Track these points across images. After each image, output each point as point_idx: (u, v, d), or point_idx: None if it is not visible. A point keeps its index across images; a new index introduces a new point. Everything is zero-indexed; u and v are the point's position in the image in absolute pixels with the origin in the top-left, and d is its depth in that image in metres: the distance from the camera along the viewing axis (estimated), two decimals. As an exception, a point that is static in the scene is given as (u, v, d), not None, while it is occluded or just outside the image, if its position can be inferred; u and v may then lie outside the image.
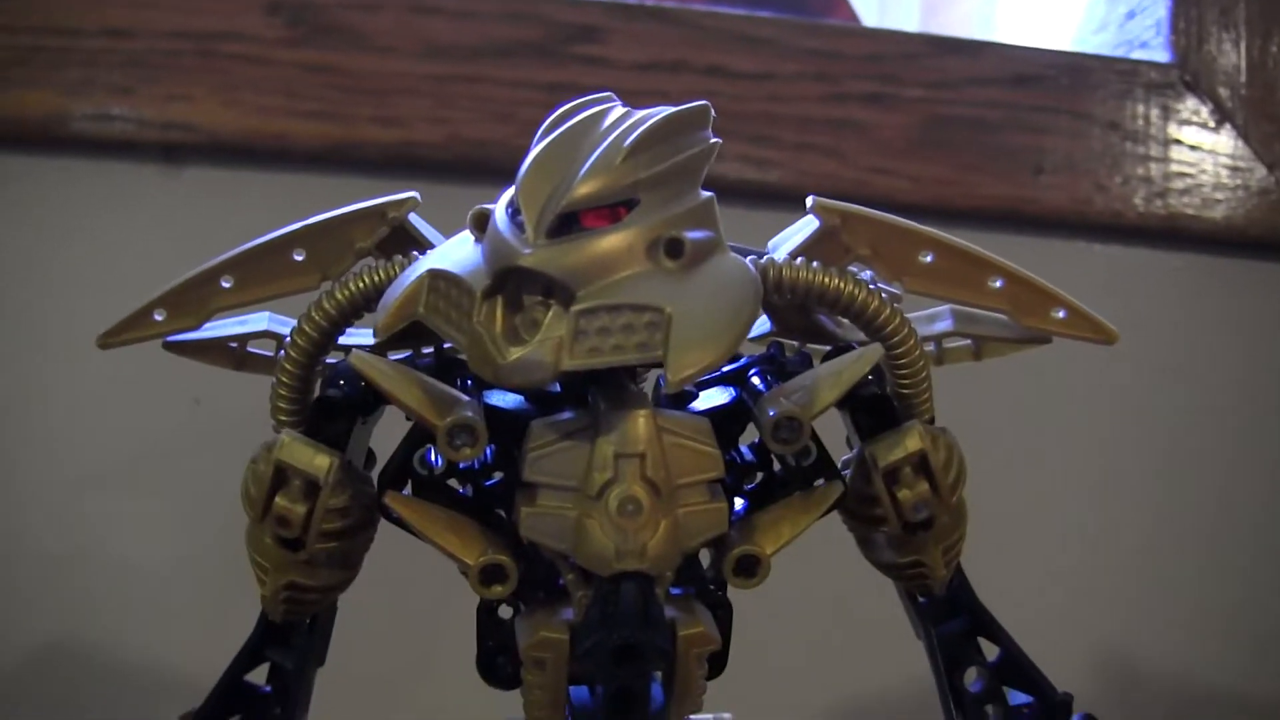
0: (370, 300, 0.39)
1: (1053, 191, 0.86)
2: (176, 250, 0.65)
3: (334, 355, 0.42)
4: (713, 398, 0.41)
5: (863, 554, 0.44)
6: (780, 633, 0.69)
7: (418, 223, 0.43)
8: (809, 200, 0.43)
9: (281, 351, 0.41)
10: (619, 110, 0.37)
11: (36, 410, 0.77)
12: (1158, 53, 0.90)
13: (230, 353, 0.45)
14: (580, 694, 0.40)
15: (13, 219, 0.76)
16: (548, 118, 0.37)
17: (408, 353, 0.43)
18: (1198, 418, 0.90)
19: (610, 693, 0.38)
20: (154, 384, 0.71)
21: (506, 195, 0.36)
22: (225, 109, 0.77)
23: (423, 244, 0.42)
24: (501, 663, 0.42)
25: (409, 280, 0.37)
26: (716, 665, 0.41)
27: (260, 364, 0.45)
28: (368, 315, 0.40)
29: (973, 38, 0.92)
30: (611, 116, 0.37)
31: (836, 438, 0.42)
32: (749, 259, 0.38)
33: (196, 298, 0.43)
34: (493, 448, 0.40)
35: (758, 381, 0.41)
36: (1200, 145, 0.88)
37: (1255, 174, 0.89)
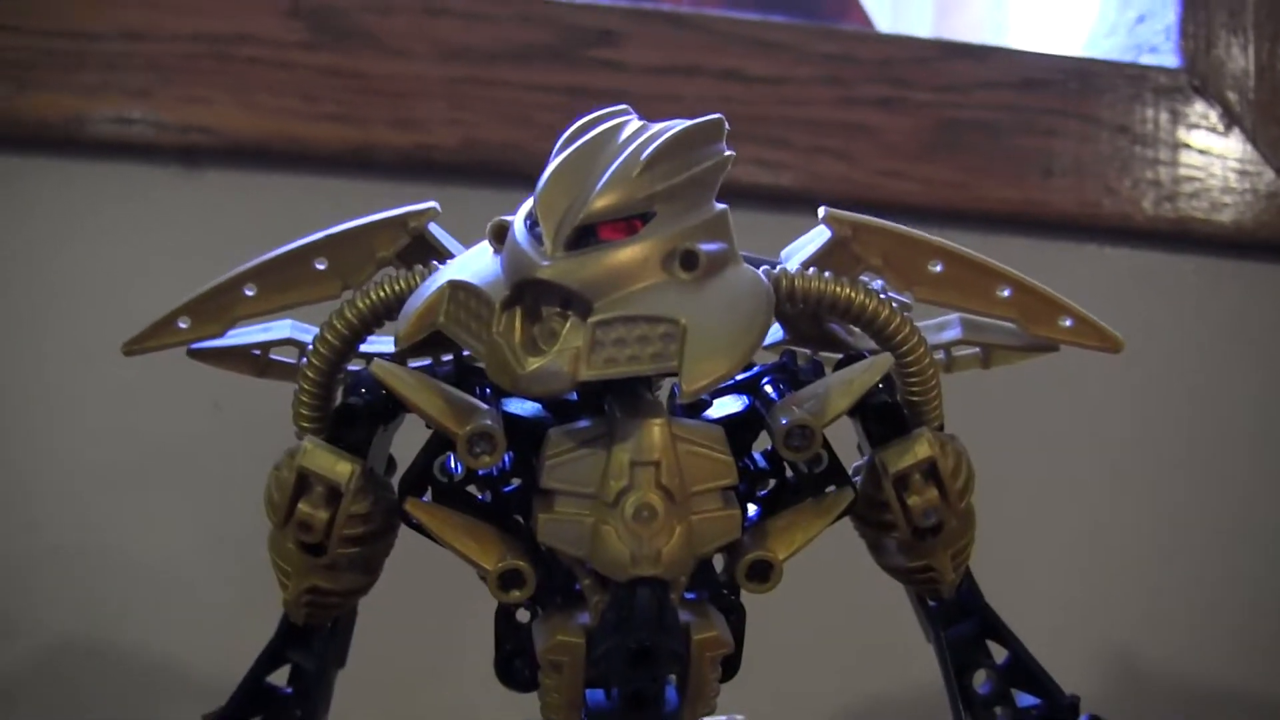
0: (391, 309, 0.40)
1: (1062, 195, 0.87)
2: (197, 252, 0.66)
3: (355, 363, 0.42)
4: (726, 406, 0.42)
5: (873, 559, 0.44)
6: (792, 636, 0.69)
7: (437, 232, 0.43)
8: (821, 211, 0.43)
9: (304, 359, 0.41)
10: (635, 124, 0.37)
11: (59, 413, 0.77)
12: (1167, 57, 0.90)
13: (253, 360, 0.45)
14: (596, 696, 0.40)
15: (34, 222, 0.77)
16: (565, 130, 0.38)
17: (428, 360, 0.43)
18: (1207, 420, 0.90)
19: (625, 695, 0.39)
20: (175, 388, 0.71)
21: (525, 207, 0.36)
22: (243, 112, 0.77)
23: (442, 253, 0.42)
24: (519, 666, 0.42)
25: (429, 290, 0.37)
26: (730, 668, 0.42)
27: (282, 371, 0.45)
28: (389, 324, 0.40)
29: (983, 42, 0.92)
30: (628, 130, 0.37)
31: (848, 445, 0.42)
32: (762, 269, 0.38)
33: (219, 305, 0.43)
34: (511, 455, 0.40)
35: (770, 390, 0.41)
36: (1209, 149, 0.89)
37: (1264, 177, 0.89)
